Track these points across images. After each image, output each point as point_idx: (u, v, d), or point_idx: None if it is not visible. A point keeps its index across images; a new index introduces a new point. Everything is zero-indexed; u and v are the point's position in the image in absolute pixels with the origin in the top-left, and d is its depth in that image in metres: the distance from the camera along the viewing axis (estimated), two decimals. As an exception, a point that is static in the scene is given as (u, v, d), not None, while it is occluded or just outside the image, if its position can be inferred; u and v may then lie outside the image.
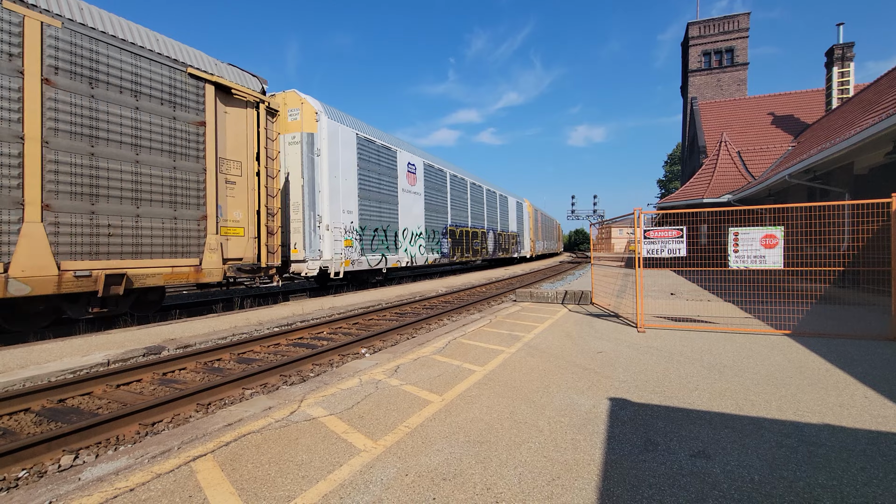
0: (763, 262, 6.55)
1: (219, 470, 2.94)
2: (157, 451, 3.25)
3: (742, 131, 27.61)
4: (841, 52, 21.52)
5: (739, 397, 4.09)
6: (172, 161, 9.04)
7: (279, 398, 4.33)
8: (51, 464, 3.60)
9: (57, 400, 4.99)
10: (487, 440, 3.28)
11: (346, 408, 4.00)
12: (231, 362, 6.65)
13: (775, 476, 2.71)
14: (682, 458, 2.95)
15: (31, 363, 5.97)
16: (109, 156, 8.05)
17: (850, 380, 4.55)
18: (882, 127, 8.98)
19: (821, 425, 3.44)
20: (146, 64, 8.65)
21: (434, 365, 5.38)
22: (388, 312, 10.98)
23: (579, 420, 3.62)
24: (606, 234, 13.04)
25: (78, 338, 7.54)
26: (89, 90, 7.80)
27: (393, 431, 3.47)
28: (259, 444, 3.31)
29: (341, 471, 2.88)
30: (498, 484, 2.69)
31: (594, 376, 4.80)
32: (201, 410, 4.76)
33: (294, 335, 8.14)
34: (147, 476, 2.88)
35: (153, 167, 8.70)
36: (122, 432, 4.15)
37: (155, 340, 7.33)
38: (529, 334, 7.06)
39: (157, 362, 6.14)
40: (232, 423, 3.75)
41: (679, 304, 9.99)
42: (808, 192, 15.12)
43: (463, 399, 4.17)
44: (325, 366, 6.43)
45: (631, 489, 2.59)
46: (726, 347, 5.98)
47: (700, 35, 35.38)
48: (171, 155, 9.04)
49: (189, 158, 9.37)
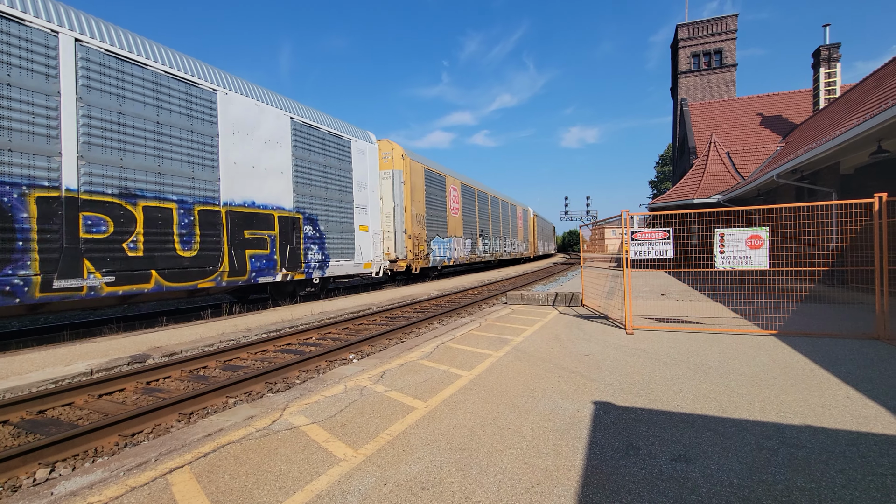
0: (749, 262, 6.58)
1: (195, 482, 2.89)
2: (133, 463, 3.19)
3: (731, 132, 27.82)
4: (827, 52, 21.75)
5: (723, 399, 4.09)
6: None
7: (262, 406, 4.28)
8: (26, 477, 3.53)
9: (37, 411, 4.91)
10: (469, 447, 3.26)
11: (328, 416, 3.96)
12: (217, 370, 6.58)
13: (754, 479, 2.70)
14: (662, 463, 2.93)
15: (11, 374, 5.88)
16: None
17: (833, 380, 4.57)
18: (866, 127, 9.07)
19: (802, 427, 3.44)
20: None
21: (421, 370, 5.35)
22: (379, 317, 10.93)
23: (563, 425, 3.60)
24: (599, 235, 13.07)
25: (61, 346, 7.44)
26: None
27: (374, 439, 3.44)
28: (238, 454, 3.27)
29: (319, 481, 2.85)
30: (477, 492, 2.66)
31: (580, 379, 4.79)
32: (183, 420, 4.70)
33: (282, 341, 8.08)
34: (121, 489, 2.83)
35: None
36: (101, 444, 4.08)
37: (140, 348, 7.24)
38: (518, 337, 7.05)
39: (142, 371, 6.06)
40: (212, 433, 3.69)
41: (669, 305, 10.02)
42: (796, 192, 15.25)
43: (447, 405, 4.15)
44: (311, 372, 6.38)
45: (610, 495, 2.58)
46: (713, 348, 5.99)
47: (689, 37, 35.66)
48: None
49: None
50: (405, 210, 18.43)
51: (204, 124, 10.15)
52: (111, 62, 8.47)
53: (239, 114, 11.05)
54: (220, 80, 10.67)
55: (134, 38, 9.02)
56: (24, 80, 7.25)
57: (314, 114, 13.81)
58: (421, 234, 19.37)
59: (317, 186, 13.58)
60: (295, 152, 12.75)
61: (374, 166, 16.53)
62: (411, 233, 18.46)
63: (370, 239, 15.98)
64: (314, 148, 13.60)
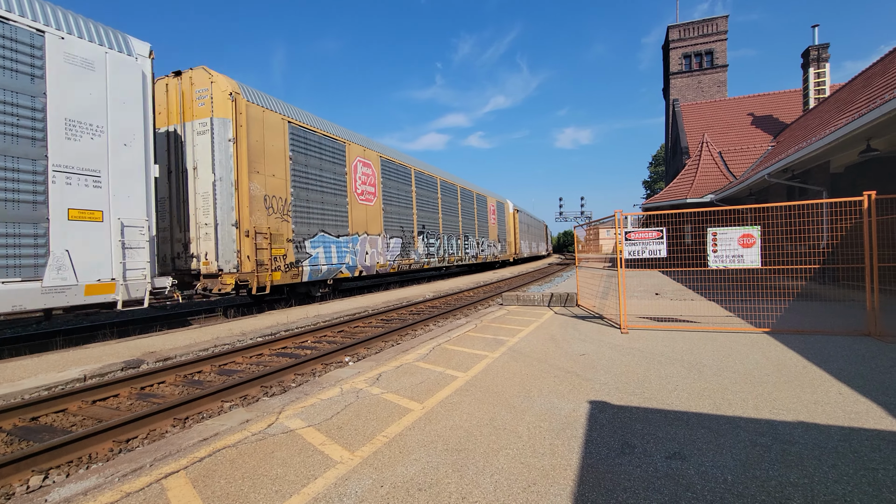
0: (741, 261, 6.64)
1: (190, 487, 2.88)
2: (128, 468, 3.17)
3: (723, 132, 28.06)
4: (816, 53, 22.01)
5: (717, 397, 4.12)
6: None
7: (258, 410, 4.27)
8: (19, 485, 3.50)
9: (30, 418, 4.86)
10: (466, 448, 3.26)
11: (324, 419, 3.96)
12: (212, 374, 6.55)
13: (748, 476, 2.73)
14: (657, 461, 2.96)
15: (3, 381, 5.82)
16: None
17: (825, 376, 4.61)
18: (855, 126, 9.18)
19: (795, 423, 3.48)
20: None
21: (417, 372, 5.35)
22: (375, 319, 10.91)
23: (558, 425, 3.61)
24: (594, 236, 13.11)
25: (54, 353, 7.38)
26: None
27: (371, 442, 3.44)
28: (234, 458, 3.26)
29: (316, 484, 2.84)
30: (473, 493, 2.67)
31: (576, 379, 4.81)
32: (178, 425, 4.68)
33: (277, 345, 8.05)
34: (116, 495, 2.81)
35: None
36: (96, 450, 4.05)
37: (134, 354, 7.19)
38: (514, 338, 7.07)
39: (136, 376, 6.02)
40: (207, 437, 3.68)
41: (663, 304, 10.08)
42: (787, 191, 15.40)
43: (444, 406, 4.15)
44: (307, 375, 6.37)
45: (606, 493, 2.59)
46: (707, 347, 6.04)
47: (680, 38, 35.96)
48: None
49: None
50: (235, 188, 10.87)
51: None
52: None
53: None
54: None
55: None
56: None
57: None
58: (280, 230, 12.07)
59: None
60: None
61: (135, 98, 8.80)
62: (251, 227, 11.11)
63: (112, 236, 8.30)
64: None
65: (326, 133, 14.48)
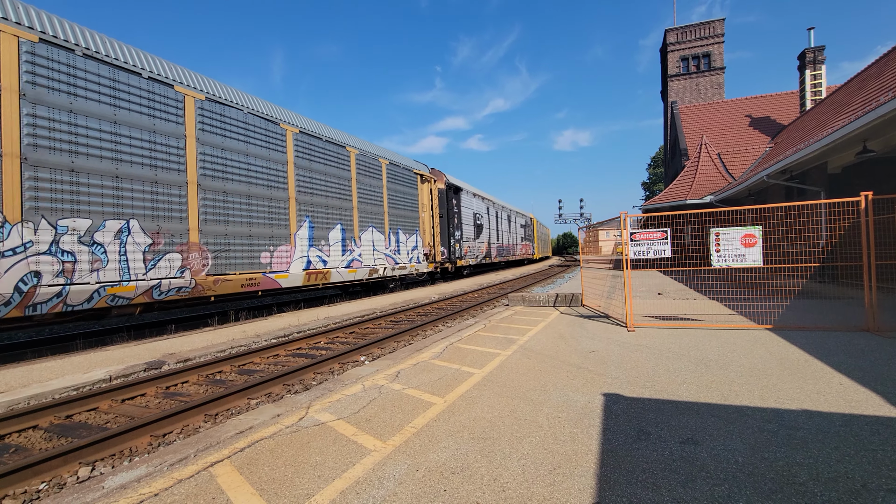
0: (744, 260, 6.87)
1: (237, 473, 3.09)
2: (173, 459, 3.38)
3: (721, 134, 28.36)
4: (812, 55, 22.34)
5: (724, 388, 4.34)
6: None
7: (286, 406, 4.47)
8: (69, 476, 3.70)
9: (64, 416, 5.07)
10: (491, 436, 3.48)
11: (352, 412, 4.17)
12: (232, 374, 6.76)
13: (757, 457, 2.95)
14: (672, 445, 3.17)
15: (32, 381, 6.02)
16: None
17: (826, 369, 4.84)
18: (851, 128, 9.43)
19: (799, 411, 3.70)
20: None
21: (433, 369, 5.56)
22: (384, 321, 11.12)
23: (576, 415, 3.83)
24: (594, 237, 13.33)
25: (76, 355, 7.58)
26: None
27: (400, 432, 3.65)
28: (272, 448, 3.46)
29: (355, 469, 3.05)
30: (503, 475, 2.88)
31: (588, 374, 5.02)
32: (209, 421, 4.88)
33: (292, 346, 8.25)
34: (169, 482, 3.02)
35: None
36: (135, 444, 4.26)
37: (154, 355, 7.40)
38: (524, 337, 7.28)
39: (160, 376, 6.22)
40: (243, 430, 3.88)
41: (666, 304, 10.30)
42: (785, 192, 15.65)
43: (464, 400, 4.36)
44: (326, 374, 6.57)
45: (626, 473, 2.81)
46: (712, 343, 6.26)
47: (678, 41, 36.31)
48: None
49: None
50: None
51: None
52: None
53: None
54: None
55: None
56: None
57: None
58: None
59: None
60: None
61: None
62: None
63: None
64: None
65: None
